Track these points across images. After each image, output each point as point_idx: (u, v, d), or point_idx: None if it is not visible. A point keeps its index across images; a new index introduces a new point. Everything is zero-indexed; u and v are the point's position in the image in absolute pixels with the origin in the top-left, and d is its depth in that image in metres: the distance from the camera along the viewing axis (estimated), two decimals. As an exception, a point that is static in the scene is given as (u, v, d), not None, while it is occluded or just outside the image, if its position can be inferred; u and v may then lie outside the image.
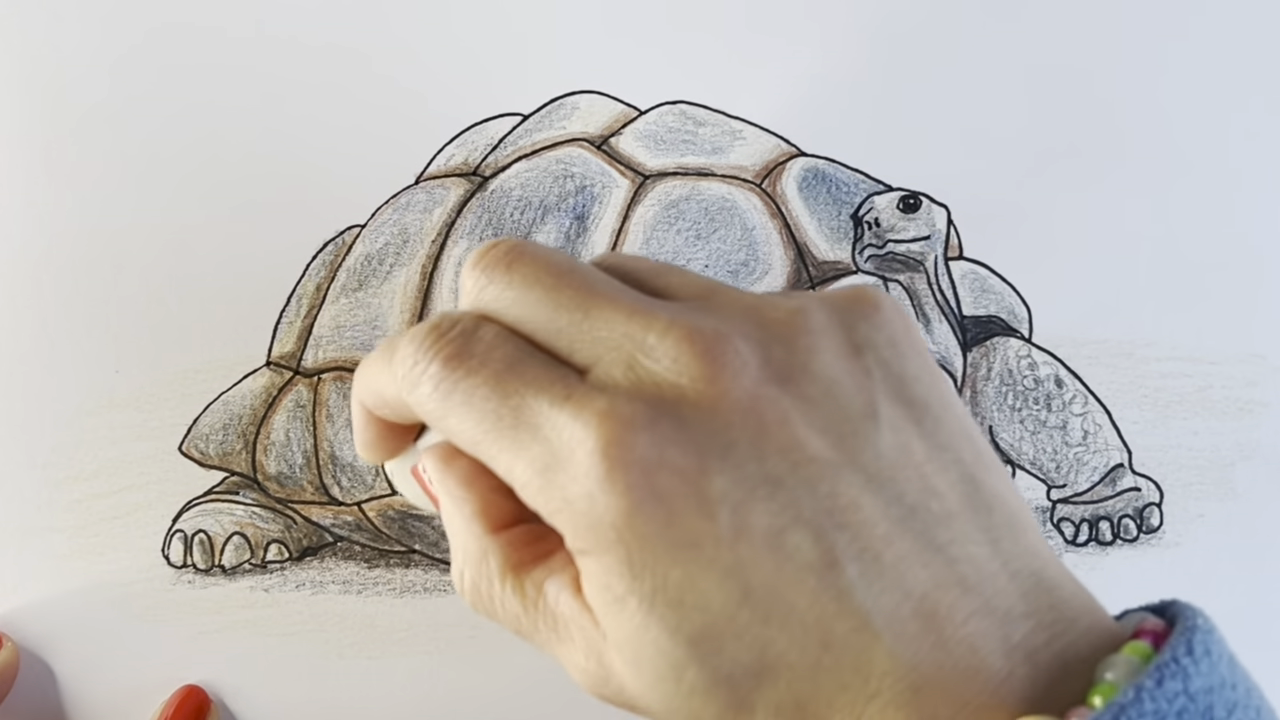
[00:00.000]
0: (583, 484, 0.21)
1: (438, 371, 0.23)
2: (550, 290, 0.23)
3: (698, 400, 0.22)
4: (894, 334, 0.24)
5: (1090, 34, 0.40)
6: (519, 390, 0.22)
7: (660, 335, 0.22)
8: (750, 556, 0.21)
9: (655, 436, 0.21)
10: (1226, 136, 0.40)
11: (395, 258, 0.39)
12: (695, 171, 0.40)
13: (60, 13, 0.39)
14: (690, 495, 0.21)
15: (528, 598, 0.24)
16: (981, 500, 0.23)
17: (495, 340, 0.23)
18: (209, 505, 0.39)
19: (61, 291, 0.39)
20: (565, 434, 0.22)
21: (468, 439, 0.23)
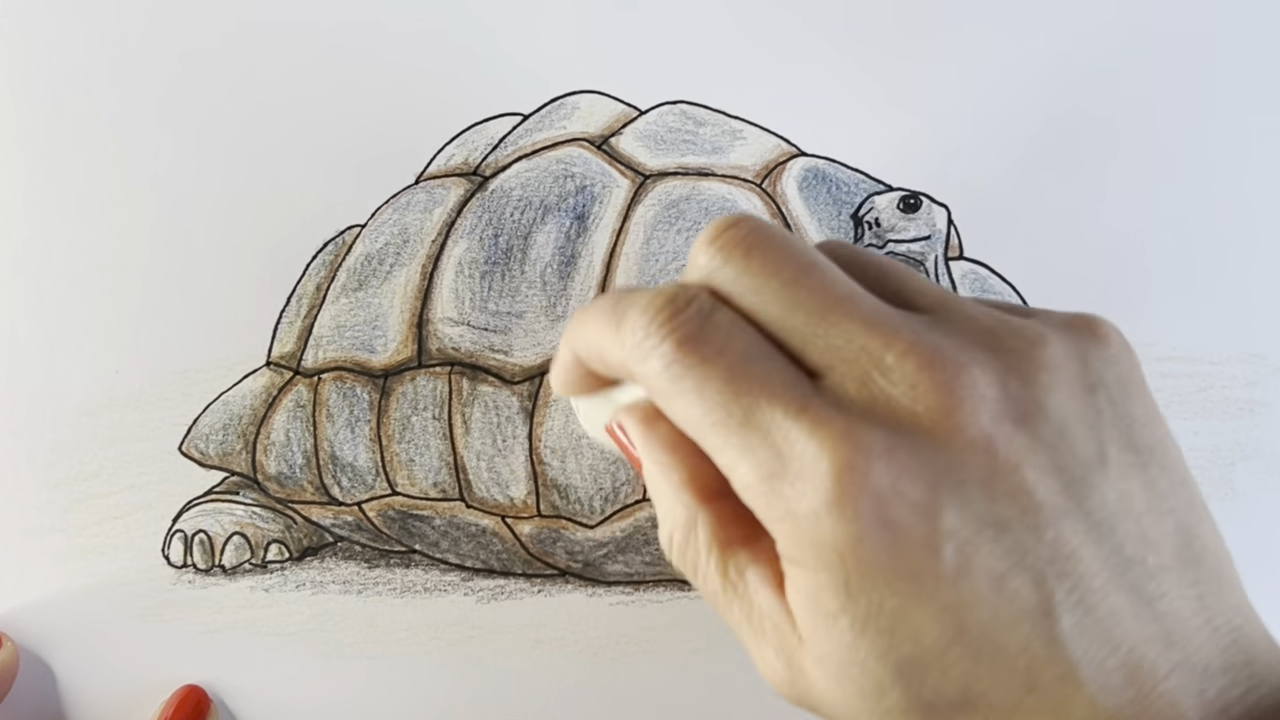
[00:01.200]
0: (810, 502, 0.21)
1: (670, 352, 0.23)
2: (789, 285, 0.23)
3: (933, 431, 0.21)
4: (1124, 372, 0.24)
5: (1091, 34, 0.40)
6: (752, 390, 0.22)
7: (900, 357, 0.22)
8: (970, 596, 0.21)
9: (891, 466, 0.21)
10: (1227, 137, 0.40)
11: (395, 257, 0.39)
12: (695, 171, 0.40)
13: (60, 13, 0.39)
14: (918, 529, 0.21)
15: (729, 578, 0.24)
16: (1193, 554, 0.23)
17: (732, 329, 0.23)
18: (209, 505, 0.39)
19: (61, 291, 0.39)
20: (798, 447, 0.22)
21: (692, 425, 0.23)
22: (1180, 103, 0.40)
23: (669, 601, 0.39)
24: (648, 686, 0.39)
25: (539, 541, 0.39)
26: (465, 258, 0.39)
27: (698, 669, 0.39)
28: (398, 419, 0.39)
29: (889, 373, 0.22)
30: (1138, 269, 0.40)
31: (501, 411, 0.39)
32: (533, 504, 0.39)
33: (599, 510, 0.39)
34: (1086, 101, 0.40)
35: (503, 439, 0.39)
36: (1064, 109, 0.40)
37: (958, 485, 0.21)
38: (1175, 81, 0.40)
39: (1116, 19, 0.40)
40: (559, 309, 0.39)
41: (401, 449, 0.39)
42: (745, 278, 0.23)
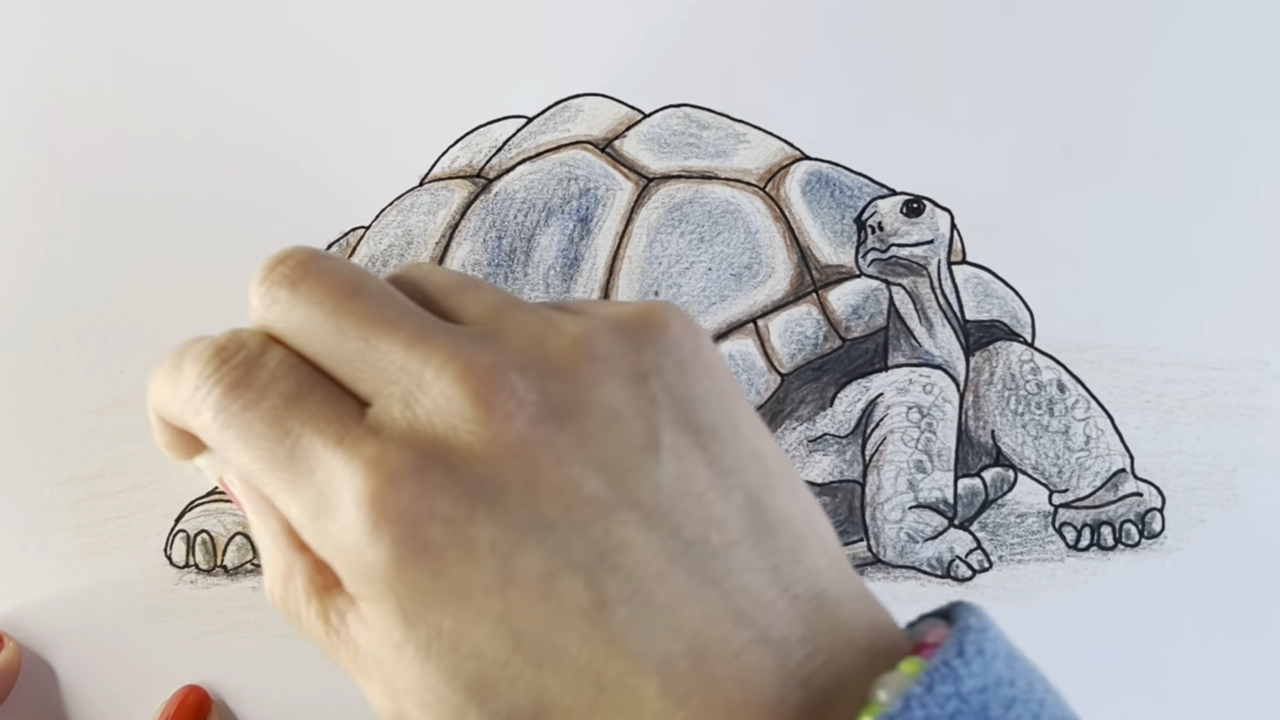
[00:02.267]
0: (351, 534, 0.21)
1: (217, 401, 0.22)
2: (333, 314, 0.22)
3: (470, 443, 0.21)
4: (682, 356, 0.23)
5: (1092, 38, 0.40)
6: (296, 429, 0.22)
7: (437, 371, 0.21)
8: (520, 604, 0.21)
9: (423, 486, 0.21)
10: (1229, 141, 0.40)
11: (400, 259, 0.39)
12: (699, 174, 0.40)
13: (64, 13, 0.39)
14: (458, 545, 0.21)
15: (330, 624, 0.23)
16: (766, 524, 0.22)
17: (278, 370, 0.22)
18: (212, 505, 0.39)
19: (65, 291, 0.39)
20: (335, 480, 0.21)
21: (249, 473, 0.23)
22: (1182, 108, 0.40)
23: (670, 604, 0.39)
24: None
25: (541, 543, 0.39)
26: (469, 260, 0.39)
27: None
28: (400, 420, 0.39)
29: (428, 389, 0.21)
30: (1140, 274, 0.40)
31: (504, 413, 0.39)
32: (535, 506, 0.39)
33: (601, 512, 0.39)
34: (1089, 106, 0.40)
35: (505, 441, 0.39)
36: (1067, 114, 0.40)
37: (496, 494, 0.21)
38: (1178, 86, 0.40)
39: (1119, 24, 0.40)
40: (562, 311, 0.39)
41: (404, 450, 0.39)
42: (294, 312, 0.23)
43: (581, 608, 0.21)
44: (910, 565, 0.39)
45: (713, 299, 0.39)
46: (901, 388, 0.39)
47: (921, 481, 0.38)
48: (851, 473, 0.39)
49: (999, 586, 0.38)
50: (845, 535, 0.39)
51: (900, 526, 0.38)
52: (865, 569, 0.39)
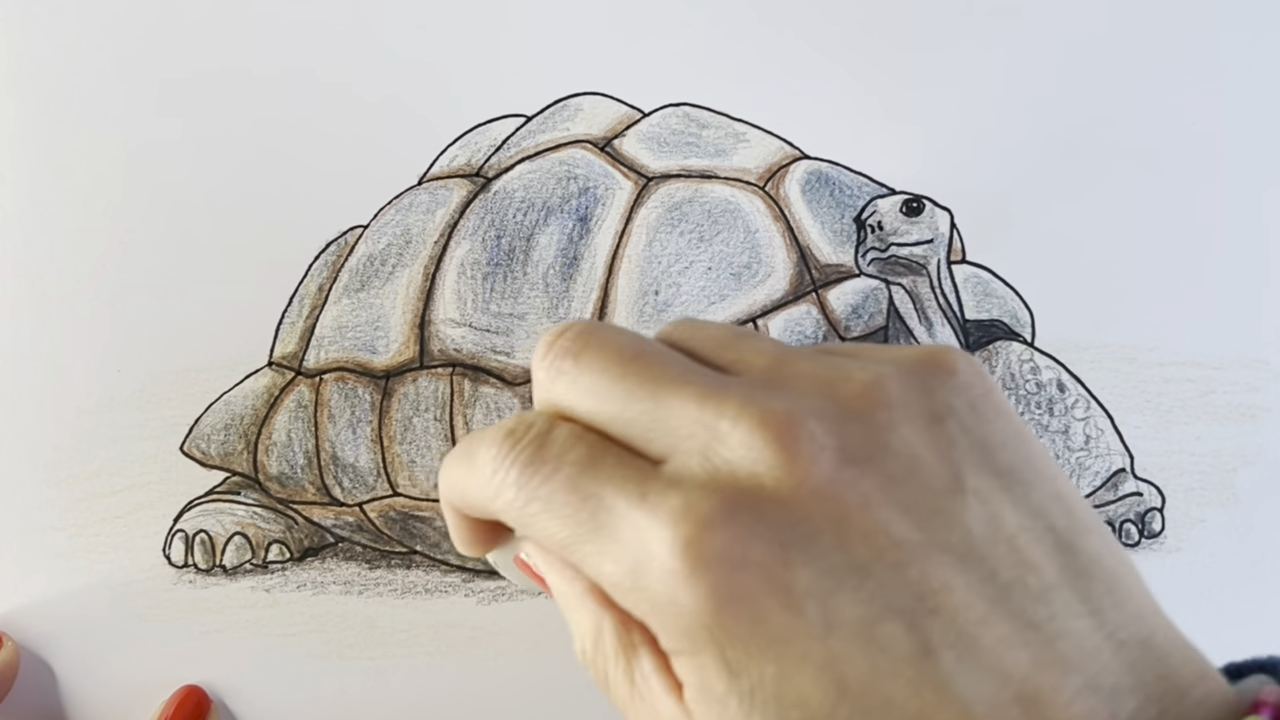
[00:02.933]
0: (666, 586, 0.21)
1: (516, 479, 0.23)
2: (618, 380, 0.23)
3: (775, 489, 0.21)
4: (974, 398, 0.23)
5: (1092, 38, 0.40)
6: (596, 492, 0.22)
7: (733, 422, 0.21)
8: (842, 651, 0.20)
9: (734, 532, 0.21)
10: (1229, 141, 0.40)
11: (398, 258, 0.39)
12: (698, 174, 0.40)
13: (63, 13, 0.39)
14: (775, 591, 0.20)
15: (636, 686, 0.23)
16: (1079, 567, 0.22)
17: (569, 440, 0.23)
18: (210, 505, 0.39)
19: (64, 291, 0.39)
20: (644, 535, 0.21)
21: (555, 545, 0.23)
22: (1183, 107, 0.40)
23: (670, 604, 0.39)
24: (648, 689, 0.39)
25: (540, 543, 0.39)
26: (468, 259, 0.39)
27: (698, 671, 0.39)
28: (399, 420, 0.39)
29: (725, 439, 0.21)
30: (1140, 273, 0.40)
31: (503, 413, 0.39)
32: (534, 505, 0.39)
33: (600, 512, 0.39)
34: (1089, 106, 0.40)
35: (504, 440, 0.39)
36: (1066, 113, 0.40)
37: (808, 539, 0.21)
38: (1178, 86, 0.40)
39: (1118, 23, 0.40)
40: (561, 311, 0.39)
41: (403, 450, 0.39)
42: (579, 384, 0.23)
43: (906, 654, 0.20)
44: (910, 565, 0.39)
45: (712, 298, 0.39)
46: (901, 387, 0.39)
47: (921, 481, 0.38)
48: (851, 472, 0.39)
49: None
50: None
51: (900, 526, 0.38)
52: (865, 569, 0.39)
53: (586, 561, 0.22)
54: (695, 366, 0.23)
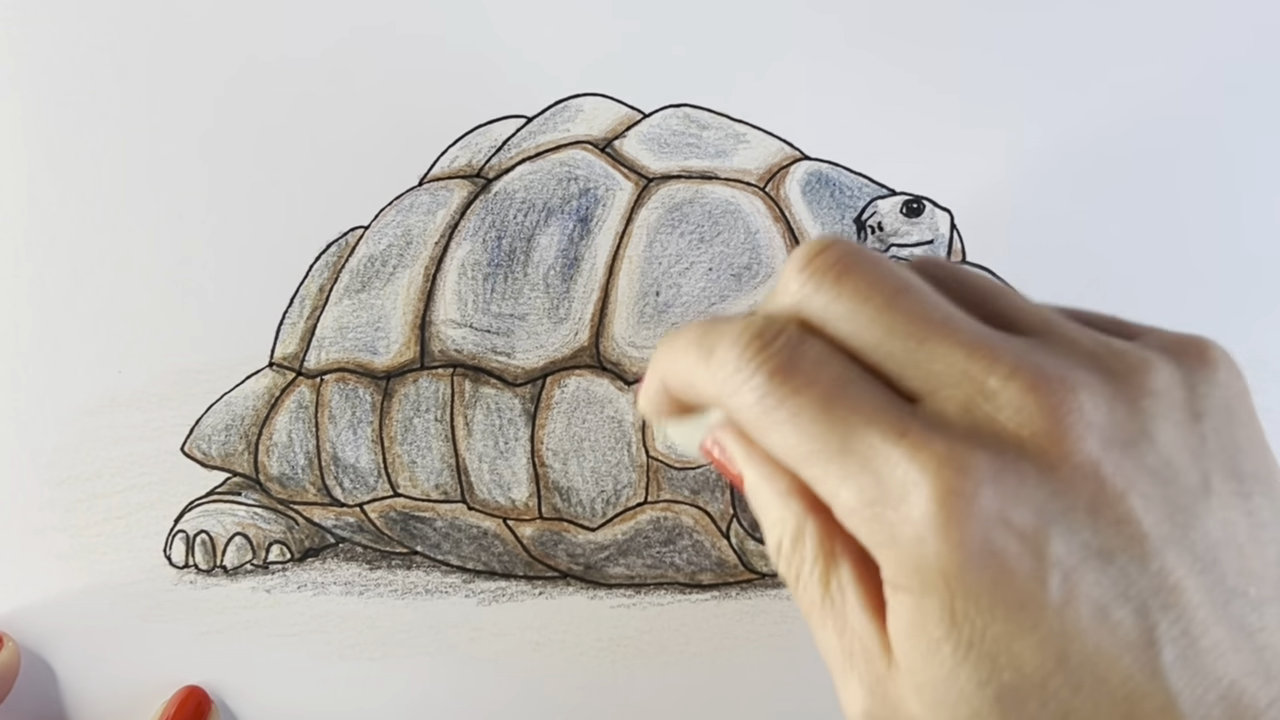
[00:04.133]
0: (915, 527, 0.21)
1: (762, 384, 0.23)
2: (883, 310, 0.23)
3: (1039, 456, 0.21)
4: (1230, 398, 0.23)
5: (1092, 38, 0.40)
6: (848, 417, 0.22)
7: (1004, 380, 0.21)
8: (1074, 626, 0.21)
9: (999, 491, 0.21)
10: (1228, 141, 0.40)
11: (399, 259, 0.39)
12: (699, 175, 0.40)
13: (63, 12, 0.39)
14: (1025, 557, 0.21)
15: (830, 593, 0.24)
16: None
17: (823, 357, 0.23)
18: (211, 506, 0.39)
19: (64, 291, 0.39)
20: (899, 472, 0.21)
21: (789, 455, 0.23)
22: (1182, 107, 0.40)
23: (670, 604, 0.39)
24: (648, 689, 0.39)
25: (540, 544, 0.39)
26: (468, 260, 0.39)
27: (698, 672, 0.39)
28: (400, 420, 0.39)
29: (993, 397, 0.21)
30: (1139, 274, 0.40)
31: (503, 414, 0.39)
32: (534, 506, 0.39)
33: (600, 513, 0.39)
34: (1088, 106, 0.40)
35: (504, 441, 0.39)
36: (1066, 113, 0.40)
37: (1064, 512, 0.21)
38: (1176, 85, 0.40)
39: (1120, 23, 0.40)
40: (561, 311, 0.39)
41: (403, 450, 0.39)
42: (837, 304, 0.23)
43: (1131, 640, 0.21)
44: (910, 565, 0.39)
45: (713, 299, 0.39)
46: (901, 388, 0.39)
47: (921, 482, 0.39)
48: (851, 473, 0.39)
49: (998, 587, 0.38)
50: (845, 535, 0.39)
51: (900, 527, 0.39)
52: (865, 569, 0.39)
53: (820, 480, 0.22)
54: (961, 314, 0.23)
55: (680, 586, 0.39)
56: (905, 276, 0.23)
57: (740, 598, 0.39)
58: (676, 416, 0.27)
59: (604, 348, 0.39)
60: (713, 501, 0.39)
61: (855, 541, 0.23)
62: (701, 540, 0.39)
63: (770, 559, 0.25)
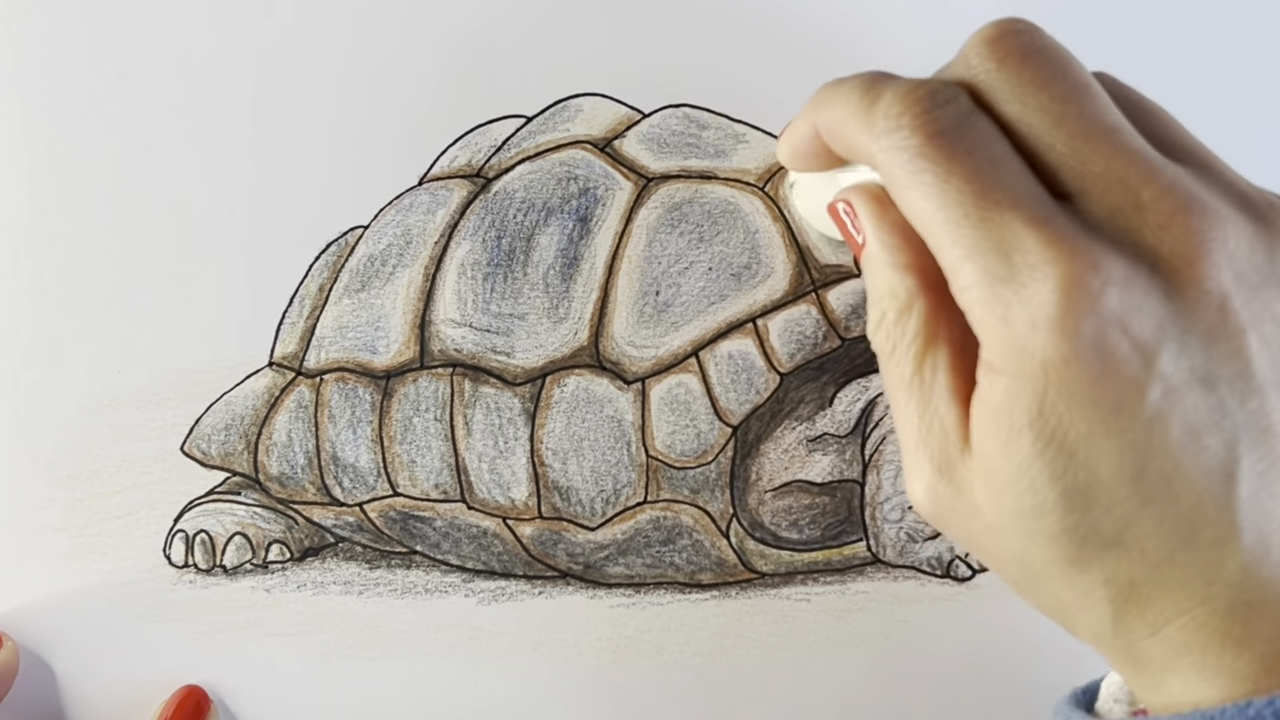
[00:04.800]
0: (1031, 311, 0.21)
1: (920, 144, 0.23)
2: (1058, 101, 0.23)
3: (1171, 275, 0.22)
4: None
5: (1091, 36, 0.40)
6: (994, 194, 0.22)
7: (1157, 196, 0.22)
8: (1160, 442, 0.21)
9: (1125, 297, 0.21)
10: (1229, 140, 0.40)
11: (398, 259, 0.39)
12: (698, 174, 0.40)
13: (63, 12, 0.39)
14: (1132, 364, 0.21)
15: (923, 372, 0.24)
16: None
17: (986, 133, 0.23)
18: (210, 505, 0.39)
19: (64, 290, 0.39)
20: (1031, 257, 0.22)
21: (922, 217, 0.23)
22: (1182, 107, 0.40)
23: (670, 604, 0.39)
24: (648, 689, 0.39)
25: (540, 543, 0.39)
26: (468, 259, 0.39)
27: (698, 672, 0.39)
28: (399, 420, 0.39)
29: (1142, 210, 0.22)
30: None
31: (503, 413, 0.39)
32: (534, 506, 0.39)
33: (600, 512, 0.39)
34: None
35: (504, 440, 0.39)
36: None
37: (1182, 332, 0.21)
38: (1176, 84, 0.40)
39: (1120, 23, 0.40)
40: (561, 311, 0.39)
41: (403, 450, 0.39)
42: (1014, 85, 0.23)
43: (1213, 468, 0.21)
44: (910, 565, 0.39)
45: (712, 298, 0.39)
46: (901, 387, 0.39)
47: (921, 481, 0.38)
48: (851, 472, 0.39)
49: (999, 586, 0.38)
50: (845, 535, 0.39)
51: (900, 526, 0.38)
52: (865, 568, 0.39)
53: (948, 249, 0.23)
54: (1130, 127, 0.23)
55: (680, 586, 0.39)
56: (1087, 77, 0.24)
57: (740, 598, 0.39)
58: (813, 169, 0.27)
59: (604, 347, 0.39)
60: (713, 501, 0.39)
61: (957, 329, 0.24)
62: (701, 540, 0.39)
63: (869, 331, 0.25)
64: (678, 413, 0.38)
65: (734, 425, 0.38)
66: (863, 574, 0.39)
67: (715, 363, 0.38)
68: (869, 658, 0.39)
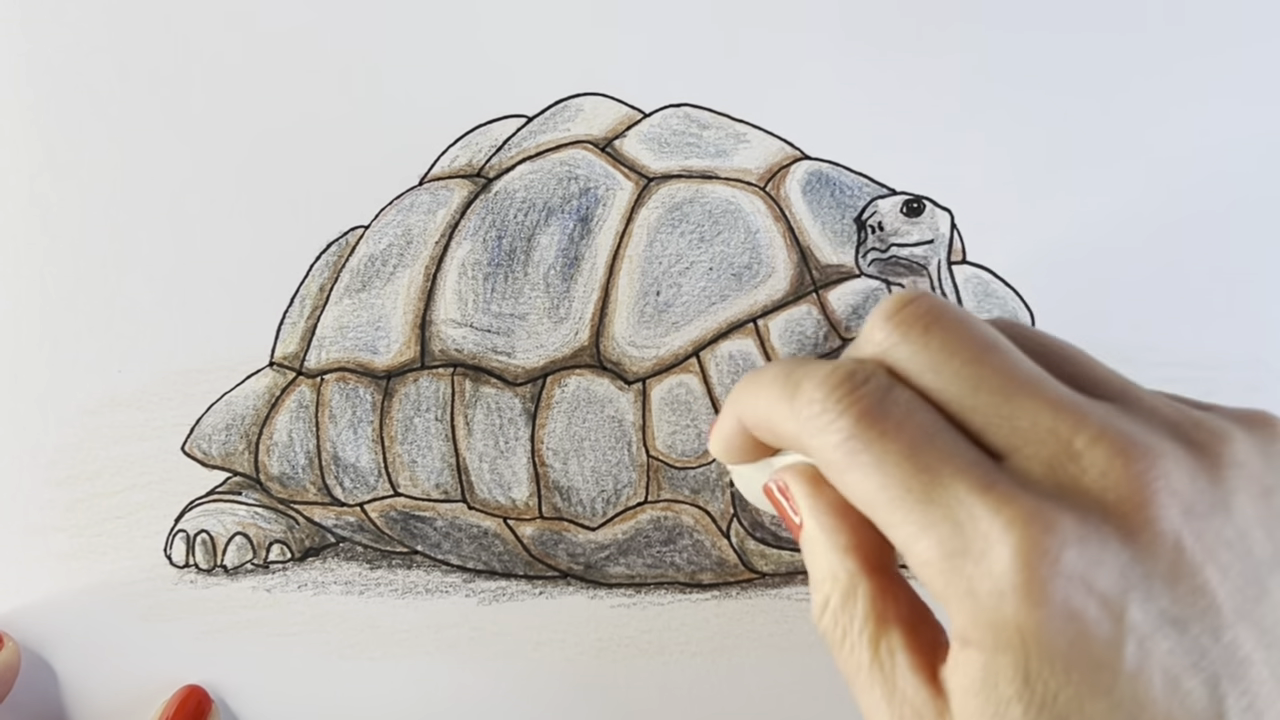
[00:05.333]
0: (995, 581, 0.21)
1: (849, 426, 0.23)
2: (970, 364, 0.23)
3: (1121, 520, 0.21)
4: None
5: (1092, 39, 0.40)
6: (934, 466, 0.22)
7: (1090, 442, 0.22)
8: (1145, 694, 0.21)
9: (1084, 553, 0.21)
10: (1228, 141, 0.40)
11: (399, 259, 0.39)
12: (699, 174, 0.40)
13: (63, 12, 0.39)
14: (1105, 621, 0.21)
15: (880, 657, 0.24)
16: None
17: (911, 405, 0.23)
18: (211, 505, 0.39)
19: (65, 291, 0.39)
20: (983, 525, 0.21)
21: (867, 499, 0.23)
22: (1180, 107, 0.40)
23: (670, 604, 0.39)
24: (648, 689, 0.39)
25: (540, 543, 0.39)
26: (468, 259, 0.39)
27: (698, 672, 0.39)
28: (400, 420, 0.39)
29: (1078, 458, 0.22)
30: (1139, 274, 0.40)
31: (504, 413, 0.39)
32: (534, 506, 0.39)
33: (600, 512, 0.39)
34: (1090, 106, 0.40)
35: (505, 441, 0.39)
36: (1067, 114, 0.40)
37: (1144, 579, 0.21)
38: (1176, 86, 0.40)
39: (1119, 24, 0.40)
40: (562, 311, 0.39)
41: (404, 450, 0.39)
42: (924, 355, 0.23)
43: (1200, 711, 0.21)
44: (910, 565, 0.39)
45: (713, 299, 0.39)
46: (902, 388, 0.39)
47: (921, 481, 0.38)
48: (851, 472, 0.39)
49: (999, 586, 0.38)
50: (845, 535, 0.39)
51: (900, 526, 0.39)
52: (865, 569, 0.39)
53: (897, 527, 0.22)
54: (1046, 374, 0.23)
55: (680, 586, 0.39)
56: (991, 334, 0.24)
57: (740, 598, 0.39)
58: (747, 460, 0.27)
59: (604, 347, 0.39)
60: (713, 501, 0.39)
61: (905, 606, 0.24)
62: (702, 540, 0.39)
63: (814, 615, 0.25)
64: (678, 413, 0.38)
65: (735, 425, 0.38)
66: (863, 574, 0.39)
67: (716, 363, 0.38)
68: (869, 657, 0.39)
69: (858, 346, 0.25)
